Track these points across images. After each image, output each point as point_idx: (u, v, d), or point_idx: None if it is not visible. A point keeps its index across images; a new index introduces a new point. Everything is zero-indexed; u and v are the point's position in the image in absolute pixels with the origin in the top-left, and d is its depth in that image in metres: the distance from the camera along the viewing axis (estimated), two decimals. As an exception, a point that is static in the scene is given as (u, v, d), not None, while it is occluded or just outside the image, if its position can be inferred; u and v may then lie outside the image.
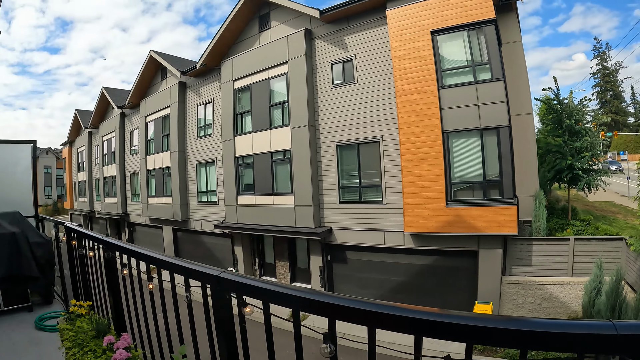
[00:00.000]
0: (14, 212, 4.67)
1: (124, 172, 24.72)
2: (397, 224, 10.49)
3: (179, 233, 19.63)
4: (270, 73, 13.47)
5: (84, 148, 31.95)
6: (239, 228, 14.21)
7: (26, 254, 4.36)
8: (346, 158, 11.80)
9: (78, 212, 34.58)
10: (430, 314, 0.94)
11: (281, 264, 14.31)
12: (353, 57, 11.60)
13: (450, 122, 9.43)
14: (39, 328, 4.12)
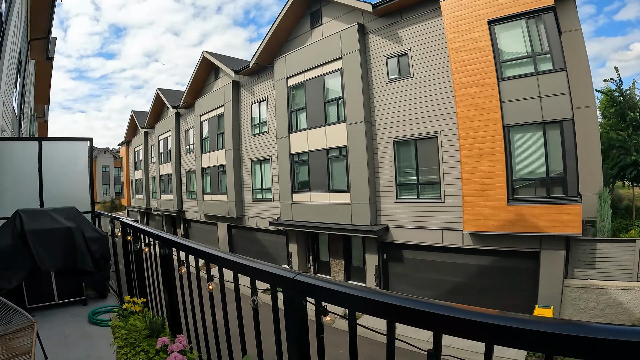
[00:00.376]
0: (70, 208, 5.03)
1: (180, 170, 26.98)
2: (455, 223, 10.84)
3: (234, 230, 21.22)
4: (324, 69, 14.28)
5: (140, 147, 35.10)
6: (293, 225, 15.26)
7: (81, 249, 4.68)
8: (403, 154, 12.28)
9: (135, 209, 38.14)
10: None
11: (336, 262, 15.15)
12: (408, 51, 12.04)
13: (511, 115, 9.61)
14: (92, 322, 4.36)
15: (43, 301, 4.73)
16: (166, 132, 28.51)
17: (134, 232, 3.78)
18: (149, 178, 33.86)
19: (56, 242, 4.53)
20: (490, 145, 9.80)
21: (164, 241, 2.70)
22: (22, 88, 11.30)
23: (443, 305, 1.02)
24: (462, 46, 10.46)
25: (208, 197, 22.60)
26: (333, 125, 13.86)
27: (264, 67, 17.56)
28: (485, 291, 10.70)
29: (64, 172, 5.87)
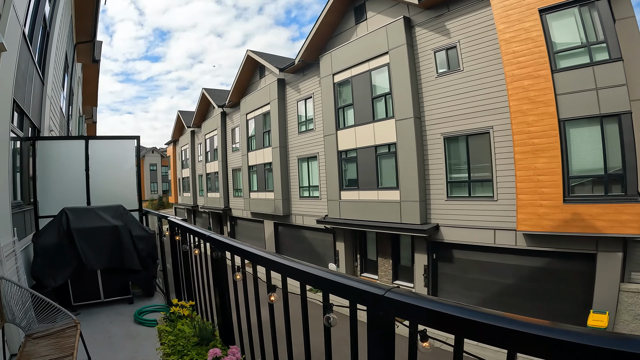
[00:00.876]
0: (117, 206, 5.29)
1: (226, 168, 28.58)
2: (508, 222, 10.97)
3: (280, 227, 22.33)
4: (370, 65, 14.80)
5: (187, 146, 37.35)
6: (341, 223, 15.98)
7: (128, 247, 4.88)
8: (454, 151, 12.54)
9: (182, 207, 40.67)
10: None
11: (383, 261, 15.70)
12: (457, 44, 12.24)
13: (566, 109, 9.62)
14: (137, 322, 4.45)
15: (89, 299, 4.92)
16: (212, 131, 30.26)
17: (182, 232, 3.79)
18: (195, 176, 36.03)
19: (103, 240, 4.78)
20: (545, 140, 9.87)
21: (216, 243, 2.65)
22: (69, 90, 12.51)
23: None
24: (513, 37, 10.53)
25: (254, 194, 23.87)
26: (381, 122, 14.35)
27: (309, 64, 18.37)
28: (537, 294, 10.78)
29: (111, 170, 6.16)
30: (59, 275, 4.47)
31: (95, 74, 17.26)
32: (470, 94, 11.89)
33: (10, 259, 3.69)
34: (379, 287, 1.33)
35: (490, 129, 11.43)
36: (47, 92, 7.00)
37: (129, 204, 5.64)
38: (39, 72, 6.40)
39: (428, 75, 13.12)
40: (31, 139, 5.65)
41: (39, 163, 5.53)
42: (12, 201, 4.43)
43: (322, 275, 1.62)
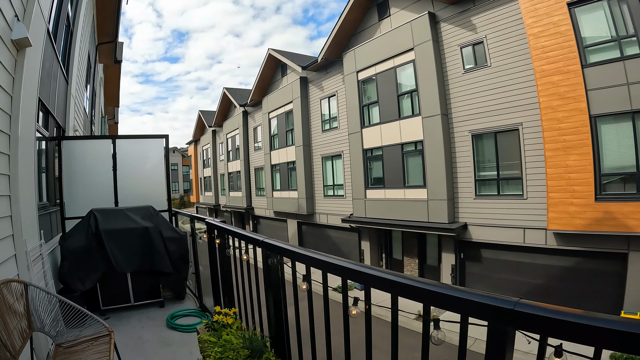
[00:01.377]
0: (147, 207, 5.26)
1: (249, 167, 29.29)
2: (538, 221, 11.06)
3: (304, 226, 22.83)
4: (395, 62, 15.04)
5: (208, 146, 38.29)
6: (367, 222, 16.32)
7: (159, 249, 4.86)
8: (482, 148, 12.66)
9: (204, 206, 41.81)
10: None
11: (409, 260, 15.97)
12: (483, 39, 12.31)
13: (597, 105, 9.63)
14: (170, 326, 4.38)
15: (118, 303, 4.87)
16: (234, 130, 30.98)
17: (221, 234, 3.68)
18: (217, 175, 36.92)
19: (132, 243, 4.76)
20: (576, 137, 9.92)
21: (271, 249, 2.50)
22: (92, 91, 12.88)
23: None
24: (541, 31, 10.55)
25: (277, 193, 24.40)
26: (407, 119, 14.57)
27: (332, 61, 18.72)
28: (566, 294, 10.82)
29: (139, 170, 6.12)
30: (87, 278, 4.48)
31: (116, 74, 17.87)
32: (499, 90, 11.97)
33: (37, 263, 3.67)
34: (506, 299, 1.19)
35: (520, 126, 11.50)
36: (71, 92, 7.14)
37: (158, 205, 5.63)
38: (63, 71, 6.51)
39: (454, 71, 13.26)
40: (56, 138, 5.66)
41: (64, 163, 5.51)
42: (39, 203, 4.42)
43: (422, 286, 1.47)
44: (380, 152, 15.85)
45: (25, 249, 3.23)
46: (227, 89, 31.68)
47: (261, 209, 27.95)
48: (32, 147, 3.77)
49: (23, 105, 3.28)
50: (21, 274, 3.15)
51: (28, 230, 3.40)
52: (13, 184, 3.12)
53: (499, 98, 11.97)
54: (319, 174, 20.70)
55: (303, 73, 21.03)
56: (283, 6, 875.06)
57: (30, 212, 3.57)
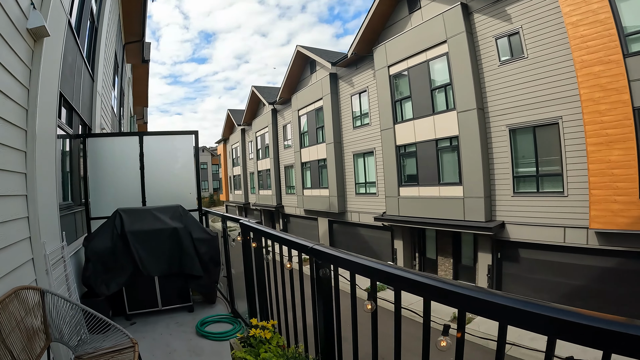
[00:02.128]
0: (176, 206, 5.13)
1: (278, 165, 29.96)
2: (579, 219, 10.96)
3: (335, 225, 23.22)
4: (428, 55, 15.14)
5: (237, 144, 39.37)
6: (400, 221, 16.52)
7: (189, 251, 4.75)
8: (520, 143, 12.60)
9: (233, 204, 42.99)
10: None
11: (443, 260, 16.05)
12: (519, 29, 12.23)
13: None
14: (201, 334, 4.25)
15: (145, 307, 4.78)
16: (263, 129, 31.75)
17: (259, 237, 3.39)
18: (247, 174, 37.85)
19: (161, 244, 4.67)
20: (619, 131, 9.76)
21: (323, 257, 2.17)
22: (120, 90, 13.39)
23: None
24: (580, 20, 10.42)
25: (308, 192, 24.90)
26: (442, 114, 14.65)
27: (362, 57, 18.97)
28: (608, 296, 10.68)
29: (167, 168, 6.03)
30: (112, 282, 4.42)
31: (144, 74, 18.66)
32: (536, 82, 11.87)
33: (59, 267, 3.63)
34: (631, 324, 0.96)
35: (559, 120, 11.40)
36: (97, 89, 7.21)
37: (187, 204, 5.52)
38: (88, 68, 6.57)
39: (490, 63, 13.22)
40: (81, 136, 5.66)
41: (90, 161, 5.45)
42: (61, 202, 4.39)
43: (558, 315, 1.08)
44: (414, 149, 15.98)
45: (44, 252, 3.16)
46: (255, 87, 32.47)
47: (291, 207, 28.57)
48: (52, 144, 3.69)
49: (41, 99, 3.22)
50: (39, 279, 3.09)
51: (47, 232, 3.34)
52: (30, 183, 3.03)
53: (537, 91, 11.87)
54: (350, 172, 21.01)
55: (333, 69, 21.38)
56: (308, 5, 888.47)
57: (50, 213, 3.52)
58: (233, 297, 4.96)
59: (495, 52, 13.05)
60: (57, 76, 3.81)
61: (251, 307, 3.89)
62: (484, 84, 13.43)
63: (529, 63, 12.07)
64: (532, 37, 11.96)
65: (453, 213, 14.08)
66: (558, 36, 11.28)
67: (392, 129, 16.87)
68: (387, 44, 16.90)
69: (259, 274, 3.55)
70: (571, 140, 11.17)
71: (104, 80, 8.20)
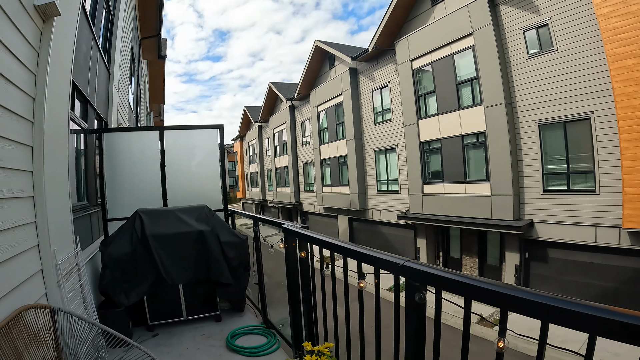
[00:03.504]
0: (202, 206, 4.84)
1: (297, 162, 30.27)
2: (611, 218, 10.89)
3: (355, 223, 23.41)
4: (452, 48, 15.14)
5: (254, 141, 39.90)
6: (424, 219, 16.62)
7: (216, 257, 4.48)
8: (550, 139, 12.54)
9: (250, 201, 43.74)
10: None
11: (468, 259, 16.09)
12: (548, 21, 12.13)
13: None
14: (232, 349, 3.93)
15: (168, 317, 4.53)
16: (281, 125, 32.11)
17: (304, 243, 3.07)
18: (264, 171, 38.32)
19: (185, 249, 4.42)
20: (655, 127, 9.75)
21: (420, 277, 1.75)
22: (137, 86, 13.58)
23: None
24: (611, 11, 10.32)
25: (328, 189, 25.12)
26: (468, 109, 14.64)
27: (383, 51, 19.06)
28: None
29: (190, 164, 5.79)
30: (132, 291, 4.17)
31: (161, 70, 18.99)
32: (567, 76, 11.79)
33: (73, 276, 3.38)
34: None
35: (591, 115, 11.31)
36: (114, 83, 7.10)
37: (212, 204, 5.22)
38: (104, 59, 6.47)
39: (518, 57, 13.16)
40: (97, 131, 5.43)
41: (106, 158, 5.19)
42: (75, 203, 4.21)
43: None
44: (439, 145, 16.02)
45: (55, 262, 2.91)
46: (272, 83, 32.84)
47: (310, 204, 28.86)
48: (64, 138, 3.43)
49: (51, 87, 2.94)
50: (50, 294, 2.83)
51: (59, 238, 3.11)
52: (38, 182, 2.77)
53: (568, 85, 11.79)
54: (371, 169, 21.14)
55: (353, 64, 21.49)
56: (322, 1, 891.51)
57: (62, 216, 3.30)
58: (265, 306, 4.67)
59: (523, 44, 12.99)
60: (69, 63, 3.61)
61: (295, 326, 3.37)
62: (512, 78, 13.38)
63: (559, 56, 11.98)
64: (562, 30, 11.86)
65: (480, 211, 14.08)
66: (589, 28, 11.18)
67: (416, 125, 16.92)
68: (410, 38, 16.92)
69: (305, 288, 3.15)
70: (603, 136, 11.07)
71: (121, 73, 8.12)
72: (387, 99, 19.52)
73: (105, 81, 6.69)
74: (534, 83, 12.73)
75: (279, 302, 4.41)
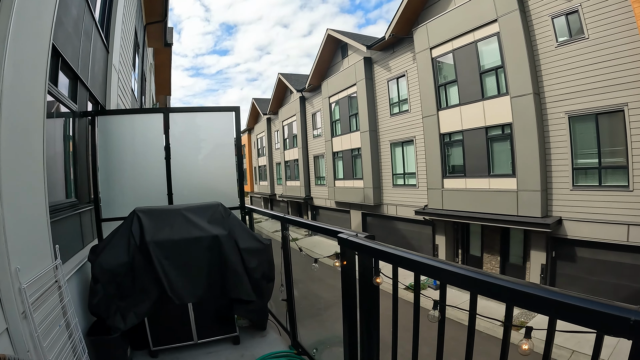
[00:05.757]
0: (215, 205, 4.06)
1: (307, 155, 30.17)
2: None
3: (369, 218, 23.33)
4: (475, 35, 14.83)
5: (263, 134, 39.91)
6: (444, 215, 16.45)
7: (235, 267, 3.75)
8: (580, 132, 12.26)
9: (258, 195, 43.77)
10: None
11: (489, 257, 15.89)
12: (578, 7, 11.82)
13: None
14: None
15: (175, 341, 3.90)
16: (291, 117, 32.02)
17: (372, 260, 2.33)
18: (273, 164, 38.30)
19: (196, 259, 3.67)
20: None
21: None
22: (141, 73, 13.29)
23: None
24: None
25: (340, 183, 25.00)
26: (492, 100, 14.34)
27: (399, 39, 18.80)
28: None
29: (200, 153, 5.10)
30: (130, 311, 3.48)
31: (167, 60, 18.86)
32: (599, 66, 11.50)
33: (51, 298, 2.72)
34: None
35: (625, 107, 11.02)
36: (112, 63, 6.60)
37: (227, 201, 4.40)
38: (101, 35, 6.03)
39: (546, 44, 12.86)
40: (89, 113, 4.69)
41: (101, 146, 4.51)
42: (57, 202, 3.69)
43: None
44: (460, 137, 15.77)
45: (19, 286, 2.23)
46: (282, 74, 32.69)
47: (321, 199, 28.77)
48: (38, 117, 2.73)
49: (16, 43, 2.23)
50: (12, 330, 2.19)
51: (26, 251, 2.43)
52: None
53: (600, 75, 11.51)
54: (387, 162, 20.94)
55: (367, 53, 21.25)
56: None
57: (31, 222, 2.59)
58: (295, 327, 3.93)
59: (551, 32, 12.69)
60: (49, 20, 2.93)
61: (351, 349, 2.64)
62: (539, 67, 13.09)
63: (590, 44, 11.69)
64: (593, 16, 11.56)
65: (505, 207, 13.86)
66: (622, 15, 10.87)
67: (436, 116, 16.67)
68: (429, 25, 16.64)
69: (370, 322, 2.42)
70: (638, 129, 10.81)
71: (122, 55, 7.64)
72: (404, 89, 19.26)
73: (102, 60, 6.25)
74: (563, 72, 12.44)
75: (310, 318, 3.93)
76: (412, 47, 18.05)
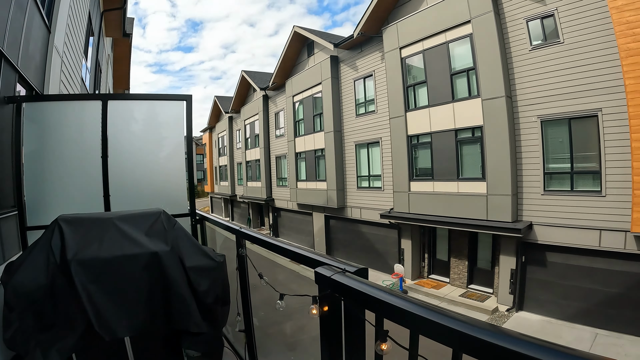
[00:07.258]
0: (156, 213, 3.17)
1: (269, 156, 29.10)
2: (618, 221, 10.56)
3: (332, 221, 22.51)
4: (447, 36, 14.38)
5: (224, 133, 38.45)
6: (410, 219, 15.81)
7: (179, 291, 2.90)
8: (553, 136, 12.06)
9: (219, 196, 42.35)
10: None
11: (457, 262, 15.43)
12: (554, 11, 11.68)
13: None
14: None
15: None
16: (253, 116, 30.80)
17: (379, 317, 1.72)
18: (234, 164, 36.93)
19: (132, 282, 2.79)
20: (670, 127, 9.34)
21: None
22: (96, 63, 12.41)
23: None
24: (625, 4, 9.94)
25: (302, 184, 24.07)
26: (463, 102, 13.93)
27: (367, 38, 18.14)
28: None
29: (144, 150, 4.22)
30: (52, 347, 2.61)
31: (126, 52, 17.89)
32: (573, 70, 11.36)
33: None
34: None
35: (599, 112, 10.91)
36: (54, 44, 5.92)
37: (175, 206, 3.82)
38: (41, 11, 5.43)
39: (520, 47, 12.62)
40: (14, 99, 3.90)
41: (28, 140, 3.68)
42: None
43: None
44: (429, 139, 15.27)
45: None
46: (245, 71, 31.44)
47: (283, 200, 27.75)
48: None
49: None
50: None
51: None
52: None
53: (574, 79, 11.36)
54: (352, 164, 20.21)
55: (334, 51, 20.49)
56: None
57: None
58: (255, 355, 3.29)
59: (526, 35, 12.48)
60: None
61: None
62: (513, 70, 12.84)
63: (565, 49, 11.54)
64: (570, 21, 11.43)
65: (474, 211, 13.46)
66: (599, 21, 10.78)
67: (403, 117, 16.10)
68: (399, 24, 16.11)
69: None
70: (612, 135, 10.69)
71: (69, 38, 6.95)
72: (371, 89, 18.62)
73: (41, 40, 5.50)
74: (536, 76, 12.25)
75: (273, 344, 3.36)
76: (381, 47, 17.43)
